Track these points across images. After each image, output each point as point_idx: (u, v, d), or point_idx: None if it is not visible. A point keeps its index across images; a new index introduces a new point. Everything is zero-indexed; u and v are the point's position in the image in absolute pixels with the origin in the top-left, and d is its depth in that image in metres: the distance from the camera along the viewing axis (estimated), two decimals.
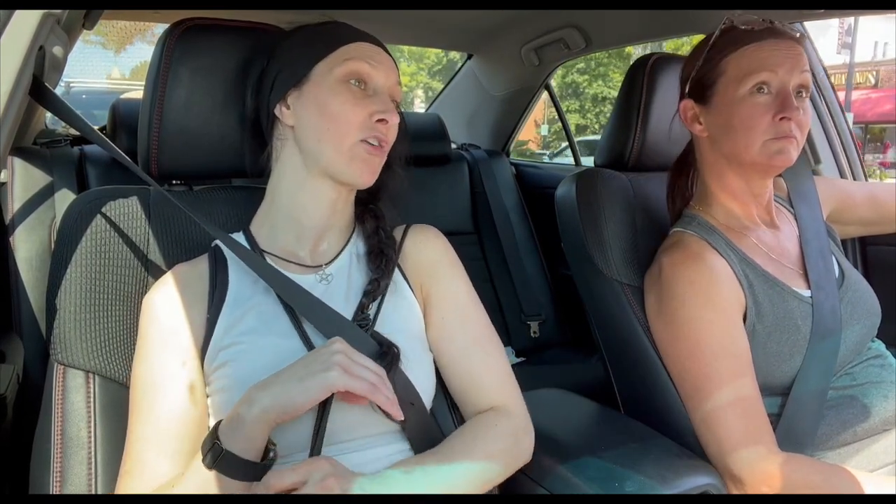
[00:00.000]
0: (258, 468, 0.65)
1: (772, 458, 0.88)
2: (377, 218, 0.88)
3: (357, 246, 0.87)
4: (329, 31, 0.84)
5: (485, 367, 0.84)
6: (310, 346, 0.76)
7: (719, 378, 0.93)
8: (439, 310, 0.85)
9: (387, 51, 0.86)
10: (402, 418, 0.72)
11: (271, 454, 0.67)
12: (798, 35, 0.99)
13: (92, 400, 0.79)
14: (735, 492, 0.91)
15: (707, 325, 0.94)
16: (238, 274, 0.81)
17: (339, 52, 0.81)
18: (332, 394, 0.68)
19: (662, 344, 1.01)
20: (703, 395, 0.94)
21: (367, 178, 0.81)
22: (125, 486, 0.70)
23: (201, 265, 0.83)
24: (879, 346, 1.06)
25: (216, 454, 0.64)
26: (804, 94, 0.99)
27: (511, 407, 0.83)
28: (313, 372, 0.66)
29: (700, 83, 1.02)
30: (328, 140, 0.79)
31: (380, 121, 0.80)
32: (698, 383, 0.95)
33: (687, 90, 1.05)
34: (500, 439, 0.78)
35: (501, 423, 0.80)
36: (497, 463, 0.76)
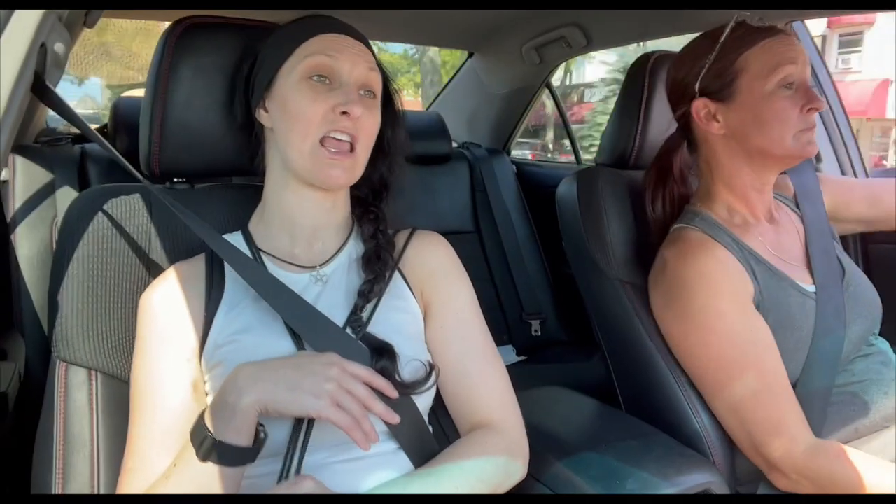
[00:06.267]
0: (251, 452, 0.66)
1: (804, 446, 0.88)
2: (377, 220, 0.87)
3: (356, 247, 0.86)
4: (294, 29, 0.82)
5: (481, 380, 0.83)
6: (303, 347, 0.75)
7: (739, 367, 0.92)
8: (439, 318, 0.84)
9: (360, 37, 0.84)
10: (373, 442, 0.69)
11: (262, 435, 0.67)
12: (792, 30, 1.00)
13: (94, 397, 0.79)
14: (777, 481, 0.91)
15: (720, 314, 0.94)
16: (234, 272, 0.80)
17: (301, 48, 0.80)
18: None
19: (674, 339, 1.01)
20: (724, 386, 0.94)
21: (335, 181, 0.78)
22: (128, 484, 0.71)
23: (198, 263, 0.82)
24: (883, 343, 1.06)
25: (209, 446, 0.64)
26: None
27: (506, 424, 0.81)
28: (304, 391, 0.66)
29: (716, 81, 1.01)
30: (292, 141, 0.78)
31: (344, 113, 0.76)
32: (718, 375, 0.95)
33: (698, 89, 1.02)
34: (491, 459, 0.76)
35: (493, 442, 0.78)
36: (486, 484, 0.75)
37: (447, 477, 0.73)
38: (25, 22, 0.57)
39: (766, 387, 0.91)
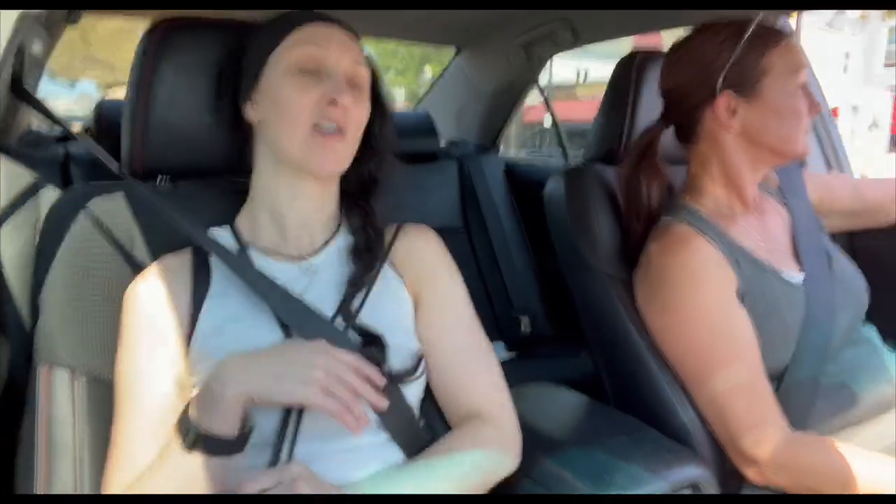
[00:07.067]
0: (237, 443, 0.65)
1: (780, 438, 0.89)
2: (366, 214, 0.87)
3: (345, 240, 0.86)
4: (281, 21, 0.82)
5: (473, 371, 0.83)
6: (291, 338, 0.75)
7: (718, 361, 0.93)
8: (431, 311, 0.84)
9: (349, 29, 0.84)
10: (364, 426, 0.68)
11: (248, 426, 0.67)
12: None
13: (76, 400, 0.79)
14: (751, 474, 0.92)
15: (701, 307, 0.95)
16: (221, 265, 0.80)
17: (287, 40, 0.80)
18: None
19: (657, 332, 1.01)
20: (704, 379, 0.95)
21: (327, 166, 0.79)
22: (113, 479, 0.70)
23: (185, 256, 0.82)
24: (869, 331, 1.07)
25: (195, 437, 0.63)
26: None
27: (497, 416, 0.81)
28: (292, 379, 0.65)
29: (741, 77, 0.99)
30: (282, 132, 0.78)
31: (332, 103, 0.77)
32: (698, 368, 0.96)
33: (720, 85, 1.00)
34: (484, 451, 0.76)
35: (486, 433, 0.78)
36: (478, 474, 0.75)
37: (440, 468, 0.73)
38: (2, 24, 0.56)
39: (744, 381, 0.92)
